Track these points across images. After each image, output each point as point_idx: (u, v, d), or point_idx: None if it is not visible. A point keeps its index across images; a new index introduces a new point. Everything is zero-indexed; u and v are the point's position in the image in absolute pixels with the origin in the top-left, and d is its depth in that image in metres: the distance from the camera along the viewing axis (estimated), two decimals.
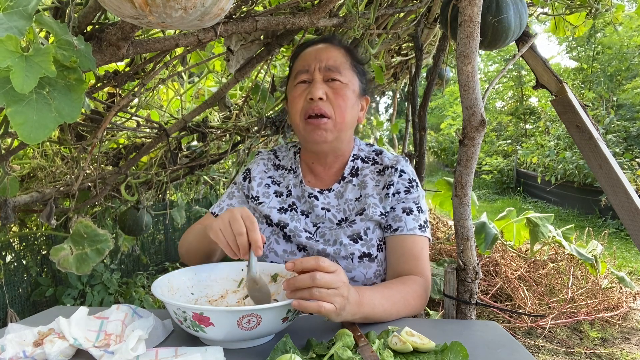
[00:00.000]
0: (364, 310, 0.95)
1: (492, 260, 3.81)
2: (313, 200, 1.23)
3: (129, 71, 1.56)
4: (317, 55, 1.19)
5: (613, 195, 1.72)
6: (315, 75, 1.17)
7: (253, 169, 1.33)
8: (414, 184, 1.22)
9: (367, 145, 1.33)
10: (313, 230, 1.20)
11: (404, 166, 1.23)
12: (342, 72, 1.18)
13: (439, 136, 17.84)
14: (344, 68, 1.19)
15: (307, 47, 1.25)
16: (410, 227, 1.16)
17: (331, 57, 1.19)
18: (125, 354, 0.76)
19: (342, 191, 1.24)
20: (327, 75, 1.17)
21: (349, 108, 1.18)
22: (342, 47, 1.24)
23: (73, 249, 1.52)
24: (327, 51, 1.20)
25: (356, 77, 1.22)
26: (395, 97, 4.55)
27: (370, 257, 1.15)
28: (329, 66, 1.17)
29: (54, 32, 0.86)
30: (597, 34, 10.45)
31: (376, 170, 1.25)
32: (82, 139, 1.89)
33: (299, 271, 0.87)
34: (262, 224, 1.25)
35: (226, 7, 0.90)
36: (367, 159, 1.28)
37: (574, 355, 2.87)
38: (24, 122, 0.79)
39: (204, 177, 3.05)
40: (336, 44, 1.24)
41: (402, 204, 1.19)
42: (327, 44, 1.23)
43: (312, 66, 1.18)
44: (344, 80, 1.18)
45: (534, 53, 1.72)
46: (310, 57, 1.20)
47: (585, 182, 7.68)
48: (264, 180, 1.31)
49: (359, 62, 1.26)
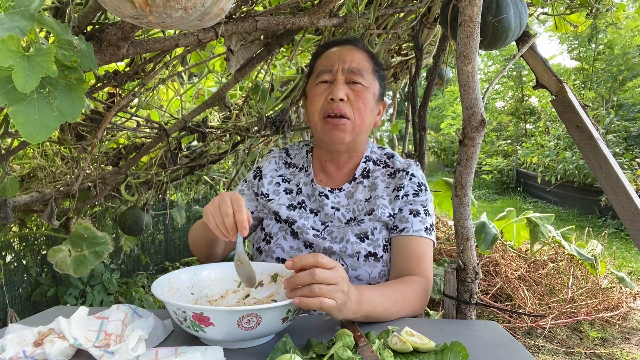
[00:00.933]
0: (365, 309, 0.95)
1: (492, 260, 3.81)
2: (323, 199, 1.24)
3: (129, 71, 1.56)
4: (341, 56, 1.20)
5: (613, 195, 1.72)
6: (338, 76, 1.18)
7: (265, 166, 1.34)
8: (423, 187, 1.23)
9: (380, 149, 1.35)
10: (321, 228, 1.21)
11: (414, 170, 1.25)
12: (365, 75, 1.19)
13: (439, 136, 17.84)
14: (367, 71, 1.20)
15: (332, 47, 1.25)
16: (416, 229, 1.17)
17: (355, 59, 1.20)
18: (126, 354, 0.76)
19: (353, 191, 1.25)
20: (350, 78, 1.18)
21: (368, 111, 1.19)
22: (366, 51, 1.25)
23: (71, 251, 1.52)
24: (351, 53, 1.21)
25: (377, 81, 1.23)
26: (395, 97, 4.55)
27: (376, 257, 1.16)
28: (352, 68, 1.18)
29: (54, 32, 0.86)
30: (599, 34, 10.45)
31: (387, 173, 1.27)
32: (82, 139, 1.89)
33: (298, 268, 0.87)
34: (271, 220, 1.26)
35: (226, 7, 0.90)
36: (379, 162, 1.30)
37: (574, 355, 2.87)
38: (26, 122, 0.79)
39: (204, 177, 3.05)
40: (360, 47, 1.25)
41: (409, 205, 1.20)
42: (352, 46, 1.24)
43: (336, 67, 1.19)
44: (365, 83, 1.19)
45: (534, 53, 1.72)
46: (334, 58, 1.21)
47: (585, 182, 7.68)
48: (274, 178, 1.32)
49: (380, 68, 1.27)
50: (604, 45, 10.57)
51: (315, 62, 1.27)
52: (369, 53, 1.25)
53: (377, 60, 1.27)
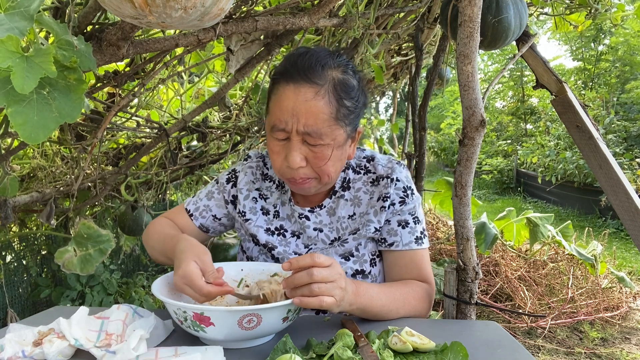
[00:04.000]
0: (361, 301, 0.96)
1: (492, 260, 3.81)
2: (304, 220, 1.17)
3: (129, 71, 1.56)
4: (295, 111, 0.98)
5: (613, 195, 1.72)
6: (293, 137, 1.00)
7: (240, 179, 1.23)
8: (409, 192, 1.14)
9: (358, 149, 1.22)
10: (304, 251, 1.16)
11: (398, 173, 1.14)
12: (324, 133, 0.99)
13: (439, 136, 17.84)
14: (326, 125, 0.98)
15: (288, 81, 1.00)
16: (406, 242, 1.13)
17: (311, 114, 0.97)
18: (127, 353, 0.76)
19: (334, 207, 1.17)
20: (306, 139, 1.00)
21: (333, 166, 1.04)
22: (327, 91, 0.99)
23: (77, 251, 1.53)
24: (306, 105, 0.97)
25: (342, 126, 1.02)
26: (395, 97, 4.55)
27: (363, 274, 1.13)
28: (307, 131, 0.98)
29: (54, 32, 0.86)
30: (602, 35, 10.45)
31: (369, 181, 1.17)
32: (82, 139, 1.89)
33: (295, 270, 0.88)
34: (250, 242, 1.22)
35: (226, 7, 0.90)
36: (359, 168, 1.19)
37: (574, 355, 2.87)
38: (25, 122, 0.79)
39: (204, 177, 3.05)
40: (319, 85, 0.98)
41: (397, 216, 1.14)
42: (309, 87, 0.98)
43: (290, 125, 0.99)
44: (326, 141, 1.00)
45: (534, 53, 1.72)
46: (287, 112, 0.99)
47: (585, 182, 7.68)
48: (251, 192, 1.22)
49: (349, 96, 1.02)
50: (606, 46, 10.57)
51: (270, 101, 1.06)
52: (332, 90, 1.00)
53: (344, 89, 1.01)
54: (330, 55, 1.04)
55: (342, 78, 1.02)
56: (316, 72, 0.99)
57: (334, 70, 1.02)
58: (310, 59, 1.01)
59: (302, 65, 1.00)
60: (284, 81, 1.01)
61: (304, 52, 1.03)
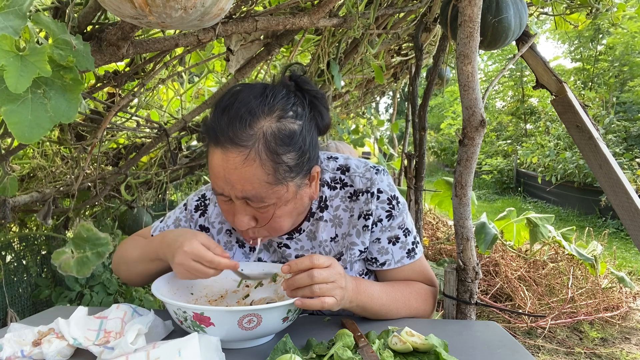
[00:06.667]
0: (361, 298, 0.96)
1: (492, 260, 3.81)
2: (284, 249, 1.10)
3: (129, 71, 1.56)
4: (227, 179, 0.88)
5: (613, 195, 1.72)
6: (235, 200, 0.92)
7: (211, 210, 1.14)
8: (394, 202, 1.05)
9: (330, 160, 1.11)
10: None
11: (379, 183, 1.04)
12: (265, 196, 0.89)
13: (439, 136, 17.84)
14: (266, 189, 0.88)
15: (214, 149, 0.89)
16: (398, 259, 1.08)
17: (246, 182, 0.87)
18: (125, 347, 0.76)
19: (314, 230, 1.08)
20: (248, 202, 0.91)
21: (286, 220, 0.96)
22: (257, 153, 0.86)
23: (74, 252, 1.53)
24: (237, 173, 0.86)
25: (285, 184, 0.91)
26: (395, 97, 4.56)
27: None
28: (246, 197, 0.89)
29: (51, 31, 0.86)
30: (600, 35, 10.45)
31: (347, 196, 1.06)
32: (82, 139, 1.89)
33: (295, 273, 0.88)
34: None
35: (226, 7, 0.90)
36: (334, 183, 1.08)
37: (574, 355, 2.87)
38: (19, 122, 0.78)
39: (204, 177, 3.05)
40: (246, 151, 0.86)
41: (387, 232, 1.06)
42: (236, 153, 0.86)
43: (226, 191, 0.90)
44: (269, 202, 0.91)
45: (534, 53, 1.72)
46: (220, 179, 0.89)
47: (585, 182, 7.68)
48: (224, 225, 1.14)
49: (288, 149, 0.89)
50: (605, 46, 10.57)
51: (207, 156, 0.94)
52: (264, 151, 0.86)
53: (280, 145, 0.88)
54: (262, 99, 0.89)
55: (277, 128, 0.88)
56: (243, 131, 0.86)
57: (267, 119, 0.88)
58: (235, 114, 0.87)
59: (226, 125, 0.87)
60: (212, 143, 0.89)
61: (229, 105, 0.89)
